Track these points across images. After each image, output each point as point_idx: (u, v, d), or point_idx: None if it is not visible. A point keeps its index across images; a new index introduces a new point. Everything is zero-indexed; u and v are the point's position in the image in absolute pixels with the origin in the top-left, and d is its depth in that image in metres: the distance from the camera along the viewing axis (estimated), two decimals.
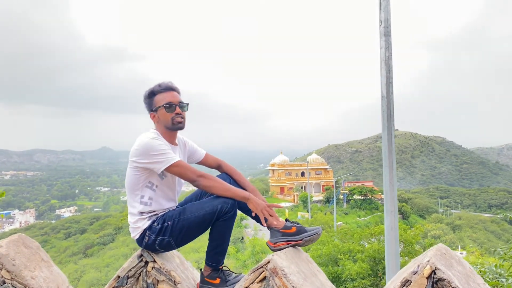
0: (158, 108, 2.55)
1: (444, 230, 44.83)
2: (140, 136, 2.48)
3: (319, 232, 2.59)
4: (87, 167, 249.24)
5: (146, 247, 2.50)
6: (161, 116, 2.55)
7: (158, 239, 2.43)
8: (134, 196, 2.49)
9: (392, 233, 4.45)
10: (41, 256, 2.66)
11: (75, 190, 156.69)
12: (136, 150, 2.41)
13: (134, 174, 2.46)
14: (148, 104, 2.61)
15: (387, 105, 4.32)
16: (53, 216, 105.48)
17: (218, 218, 2.42)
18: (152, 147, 2.39)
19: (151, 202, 2.49)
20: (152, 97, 2.58)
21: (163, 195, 2.54)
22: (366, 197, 55.52)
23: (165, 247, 2.47)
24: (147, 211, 2.49)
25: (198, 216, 2.41)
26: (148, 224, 2.46)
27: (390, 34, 4.55)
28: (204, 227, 2.45)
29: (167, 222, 2.43)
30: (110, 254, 35.26)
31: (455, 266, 2.04)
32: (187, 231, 2.43)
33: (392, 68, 4.46)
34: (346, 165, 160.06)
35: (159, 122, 2.58)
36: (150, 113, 2.61)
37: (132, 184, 2.48)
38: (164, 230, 2.42)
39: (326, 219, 35.38)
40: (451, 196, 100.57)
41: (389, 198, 4.50)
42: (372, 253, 13.90)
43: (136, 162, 2.42)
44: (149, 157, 2.38)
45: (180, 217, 2.43)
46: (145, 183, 2.48)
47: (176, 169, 2.41)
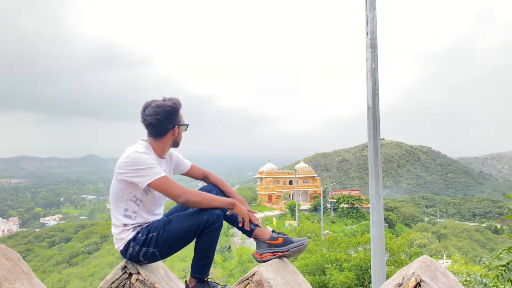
0: (182, 124, 2.57)
1: (430, 239, 45.20)
2: (129, 148, 2.44)
3: (305, 243, 2.59)
4: (73, 175, 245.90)
5: (130, 259, 2.45)
6: (180, 132, 2.59)
7: (143, 250, 2.39)
8: (118, 208, 2.45)
9: (378, 243, 4.46)
10: (21, 268, 2.60)
11: (60, 198, 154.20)
12: (123, 163, 2.37)
13: (119, 186, 2.41)
14: (174, 116, 2.52)
15: (373, 116, 4.35)
16: (37, 225, 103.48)
17: (203, 229, 2.40)
18: (139, 161, 2.35)
19: (135, 215, 2.45)
20: (179, 111, 2.55)
21: (146, 210, 2.49)
22: (353, 206, 55.74)
23: (149, 259, 2.43)
24: (131, 223, 2.45)
25: (184, 227, 2.38)
26: (132, 235, 2.42)
27: (376, 46, 4.60)
28: (189, 238, 2.42)
29: (152, 233, 2.40)
30: (95, 263, 34.75)
31: (440, 278, 2.05)
32: (172, 242, 2.40)
33: (378, 80, 4.50)
34: (333, 174, 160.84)
35: (172, 137, 2.55)
36: (175, 126, 2.53)
37: (116, 196, 2.44)
38: (148, 241, 2.38)
39: (314, 228, 35.36)
40: (437, 205, 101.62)
41: (375, 208, 4.51)
42: (358, 262, 13.93)
43: (122, 174, 2.37)
44: (135, 171, 2.34)
45: (165, 228, 2.40)
46: (129, 196, 2.43)
47: (160, 185, 2.36)
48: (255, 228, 2.60)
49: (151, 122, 2.46)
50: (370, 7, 4.58)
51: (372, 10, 4.53)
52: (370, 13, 4.53)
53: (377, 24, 4.49)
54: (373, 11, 4.57)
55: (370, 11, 4.56)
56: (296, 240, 2.60)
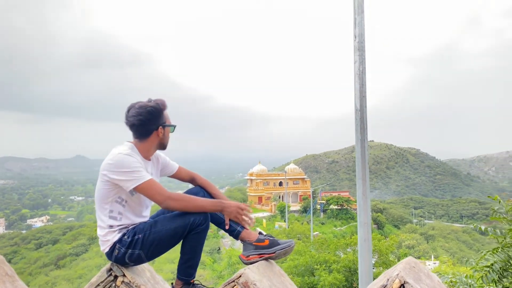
0: (167, 125, 2.53)
1: (418, 240, 45.61)
2: (114, 149, 2.41)
3: (292, 245, 2.60)
4: (61, 176, 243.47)
5: (115, 261, 2.43)
6: (166, 134, 2.54)
7: (128, 252, 2.37)
8: (103, 210, 2.42)
9: (365, 244, 4.49)
10: (5, 270, 2.56)
11: (48, 199, 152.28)
12: (108, 165, 2.34)
13: (104, 187, 2.38)
14: (157, 117, 2.48)
15: (360, 118, 4.38)
16: (24, 226, 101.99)
17: (190, 231, 2.38)
18: (124, 163, 2.31)
19: (120, 217, 2.42)
20: (163, 112, 2.51)
21: (132, 211, 2.47)
22: (342, 207, 56.04)
23: (135, 261, 2.41)
24: (116, 225, 2.42)
25: (170, 229, 2.36)
26: (118, 237, 2.40)
27: (364, 49, 4.62)
28: (175, 240, 2.41)
29: (138, 235, 2.37)
30: (83, 265, 34.37)
31: (424, 279, 2.07)
32: (158, 244, 2.37)
33: (365, 82, 4.52)
34: (323, 175, 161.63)
35: (157, 138, 2.51)
36: (158, 127, 2.48)
37: (101, 197, 2.41)
38: (134, 243, 2.36)
39: (303, 229, 35.46)
40: (425, 207, 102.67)
41: (362, 210, 4.54)
42: (347, 263, 14.02)
43: (107, 176, 2.34)
44: (120, 174, 2.31)
45: (151, 230, 2.38)
46: (114, 197, 2.40)
47: (145, 189, 2.33)
48: (242, 230, 2.60)
49: (134, 123, 2.44)
50: (358, 10, 4.61)
51: (360, 13, 4.56)
52: (358, 16, 4.55)
53: (365, 27, 4.52)
54: (361, 14, 4.60)
55: (358, 14, 4.59)
56: (283, 241, 2.60)
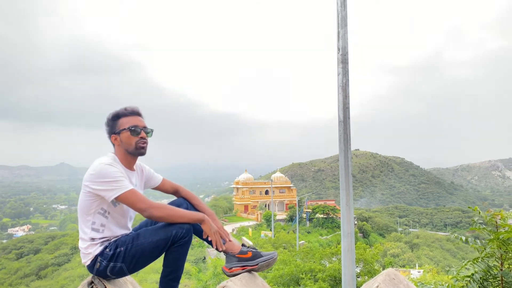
0: (122, 130, 2.49)
1: (403, 248, 45.98)
2: (96, 160, 2.41)
3: (274, 257, 2.62)
4: (44, 184, 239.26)
5: (97, 274, 2.40)
6: (124, 139, 2.49)
7: (110, 265, 2.35)
8: (86, 222, 2.40)
9: (348, 255, 4.50)
10: None
11: (30, 208, 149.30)
12: (90, 175, 2.34)
13: (87, 199, 2.37)
14: (111, 126, 2.53)
15: (344, 129, 4.41)
16: (5, 236, 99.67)
17: (172, 243, 2.38)
18: (106, 173, 2.31)
19: (103, 229, 2.41)
20: (116, 120, 2.52)
21: (115, 222, 2.46)
22: (328, 216, 56.25)
23: (117, 274, 2.39)
24: (98, 237, 2.41)
25: (152, 241, 2.35)
26: (100, 250, 2.38)
27: (347, 61, 4.67)
28: (158, 253, 2.39)
29: (120, 248, 2.36)
30: (66, 275, 33.74)
31: None
32: (140, 257, 2.36)
33: (349, 94, 4.57)
34: (309, 184, 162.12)
35: (121, 146, 2.50)
36: (111, 136, 2.52)
37: (84, 209, 2.40)
38: (116, 256, 2.35)
39: (289, 238, 35.48)
40: (410, 215, 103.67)
41: (345, 220, 4.55)
42: (332, 272, 14.05)
43: (89, 187, 2.34)
44: (101, 184, 2.31)
45: (133, 242, 2.37)
46: (97, 209, 2.39)
47: (127, 198, 2.32)
48: (224, 242, 2.60)
49: None
50: (341, 24, 4.68)
51: (343, 27, 4.64)
52: (342, 29, 4.63)
53: (348, 40, 4.61)
54: (344, 28, 4.68)
55: (342, 28, 4.66)
56: (265, 253, 2.62)
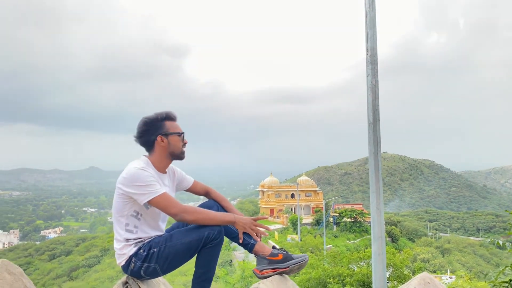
0: (171, 133, 2.54)
1: (433, 253, 44.76)
2: (130, 164, 2.47)
3: (305, 260, 2.61)
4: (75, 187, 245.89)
5: (131, 274, 2.47)
6: (173, 142, 2.55)
7: (144, 266, 2.41)
8: (120, 223, 2.47)
9: (379, 259, 4.43)
10: (24, 282, 2.61)
11: (62, 211, 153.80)
12: (123, 179, 2.39)
13: (120, 201, 2.44)
14: (156, 126, 2.54)
15: (373, 131, 4.35)
16: (38, 237, 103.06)
17: (204, 245, 2.41)
18: (138, 177, 2.36)
19: (136, 230, 2.47)
20: (163, 121, 2.56)
21: (148, 224, 2.51)
22: (355, 220, 55.42)
23: (151, 274, 2.44)
24: (132, 238, 2.47)
25: (185, 243, 2.40)
26: (134, 251, 2.44)
27: (377, 62, 4.62)
28: (190, 254, 2.44)
29: (153, 249, 2.41)
30: (96, 276, 34.53)
31: None
32: (173, 258, 2.41)
33: (378, 96, 4.51)
34: (336, 187, 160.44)
35: (165, 148, 2.54)
36: (158, 136, 2.53)
37: (118, 211, 2.46)
38: (150, 257, 2.40)
39: (316, 242, 35.16)
40: (440, 219, 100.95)
41: (376, 223, 4.49)
42: (361, 277, 13.82)
43: (122, 190, 2.40)
44: (134, 188, 2.36)
45: (166, 243, 2.42)
46: (130, 211, 2.45)
47: (159, 202, 2.37)
48: (255, 243, 2.62)
49: (135, 136, 2.56)
50: (370, 25, 4.63)
51: (372, 28, 4.58)
52: (370, 30, 4.58)
53: (377, 41, 4.55)
54: (373, 28, 4.62)
55: (370, 28, 4.61)
56: (296, 256, 2.62)
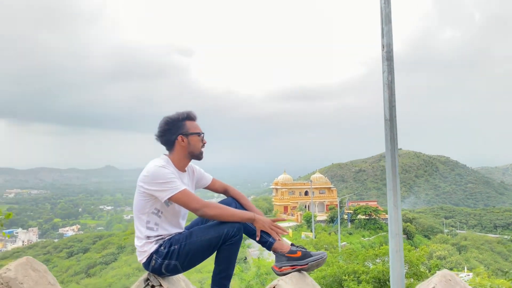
0: (191, 134, 2.60)
1: (450, 251, 44.20)
2: (150, 162, 2.52)
3: (324, 257, 2.62)
4: (91, 186, 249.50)
5: (152, 271, 2.51)
6: (193, 142, 2.61)
7: (165, 263, 2.45)
8: (141, 221, 2.52)
9: (397, 256, 4.40)
10: (48, 279, 2.67)
11: (79, 209, 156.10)
12: (144, 177, 2.45)
13: (141, 199, 2.49)
14: (177, 126, 2.60)
15: (390, 128, 4.32)
16: (56, 235, 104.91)
17: (224, 242, 2.45)
18: (159, 175, 2.42)
19: (157, 227, 2.52)
20: (184, 121, 2.61)
21: (168, 222, 2.56)
22: (370, 217, 55.06)
23: (171, 271, 2.49)
24: (153, 235, 2.51)
25: (204, 240, 2.44)
26: (155, 248, 2.49)
27: (392, 58, 4.57)
28: (210, 251, 2.47)
29: (174, 246, 2.46)
30: (113, 273, 34.96)
31: None
32: (193, 255, 2.45)
33: (394, 92, 4.47)
34: (350, 184, 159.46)
35: (184, 147, 2.60)
36: (178, 136, 2.59)
37: (139, 208, 2.51)
38: (170, 254, 2.44)
39: (330, 239, 35.06)
40: (456, 216, 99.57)
41: (393, 220, 4.46)
42: (376, 274, 13.74)
43: (143, 187, 2.45)
44: (155, 185, 2.41)
45: (186, 241, 2.46)
46: (151, 209, 2.50)
47: (180, 198, 2.42)
48: (274, 241, 2.64)
49: (156, 134, 2.62)
50: (385, 20, 4.60)
51: (387, 23, 4.55)
52: (386, 26, 4.54)
53: (392, 37, 4.51)
54: (388, 24, 4.59)
55: (386, 24, 4.58)
56: (315, 253, 2.63)
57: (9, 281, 2.40)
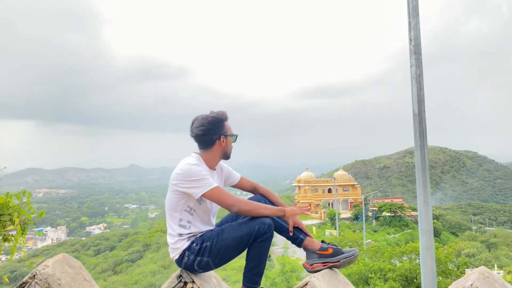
0: (229, 135, 2.66)
1: (479, 248, 43.02)
2: (182, 160, 2.56)
3: (356, 254, 2.60)
4: (116, 185, 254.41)
5: (185, 268, 2.55)
6: (229, 143, 2.68)
7: (197, 260, 2.48)
8: (173, 219, 2.56)
9: (428, 253, 4.32)
10: (83, 275, 2.74)
11: (105, 207, 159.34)
12: (177, 175, 2.48)
13: (174, 197, 2.52)
14: (220, 126, 2.63)
15: (419, 123, 4.24)
16: (83, 233, 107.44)
17: (255, 239, 2.46)
18: (192, 173, 2.45)
19: (189, 225, 2.55)
20: (223, 122, 2.66)
21: (200, 219, 2.59)
22: (395, 214, 54.24)
23: (203, 268, 2.51)
24: (185, 233, 2.55)
25: (236, 237, 2.45)
26: (187, 245, 2.52)
27: (420, 52, 4.49)
28: (241, 248, 2.49)
29: (206, 243, 2.48)
30: (139, 271, 35.54)
31: None
32: (225, 252, 2.47)
33: (423, 86, 4.39)
34: (374, 181, 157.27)
35: (221, 147, 2.65)
36: (220, 136, 2.63)
37: (171, 206, 2.55)
38: (203, 250, 2.47)
39: (355, 237, 34.74)
40: (485, 213, 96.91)
41: (423, 217, 4.39)
42: (403, 272, 13.55)
43: (177, 186, 2.48)
44: (188, 182, 2.45)
45: (218, 237, 2.48)
46: (184, 206, 2.53)
47: (213, 195, 2.45)
48: (304, 238, 2.64)
49: (197, 133, 2.60)
50: (413, 14, 4.51)
51: (415, 17, 4.46)
52: (413, 20, 4.46)
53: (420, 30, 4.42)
54: (416, 17, 4.50)
55: (413, 18, 4.49)
56: (346, 250, 2.61)
57: (47, 277, 2.47)
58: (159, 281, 26.53)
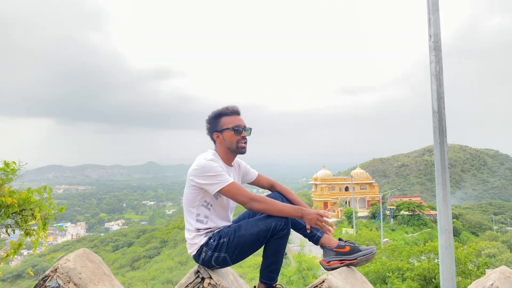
0: (224, 129, 2.64)
1: (500, 248, 42.11)
2: (199, 156, 2.59)
3: (373, 252, 2.58)
4: (134, 181, 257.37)
5: (202, 263, 2.57)
6: (227, 138, 2.64)
7: (215, 256, 2.50)
8: (191, 214, 2.59)
9: (447, 252, 4.25)
10: (103, 270, 2.80)
11: (123, 204, 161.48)
12: (194, 170, 2.51)
13: (191, 192, 2.55)
14: (212, 124, 2.69)
15: (438, 120, 4.17)
16: (102, 229, 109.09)
17: (272, 235, 2.46)
18: (208, 168, 2.47)
19: (206, 220, 2.58)
20: (218, 118, 2.67)
21: (217, 214, 2.61)
22: (414, 213, 53.53)
23: (221, 264, 2.53)
24: (203, 228, 2.57)
25: (253, 233, 2.46)
26: (205, 241, 2.54)
27: (440, 48, 4.41)
28: (258, 244, 2.49)
29: (223, 239, 2.50)
30: (156, 267, 35.94)
31: None
32: (242, 248, 2.48)
33: (443, 83, 4.31)
34: (392, 180, 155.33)
35: (222, 143, 2.66)
36: (213, 133, 2.68)
37: (189, 202, 2.58)
38: (220, 246, 2.49)
39: (372, 236, 34.41)
40: (507, 212, 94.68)
41: (443, 216, 4.31)
42: (422, 271, 13.38)
43: (193, 181, 2.51)
44: (205, 178, 2.47)
45: (235, 234, 2.49)
46: (201, 202, 2.56)
47: (229, 191, 2.46)
48: (321, 236, 2.63)
49: (206, 131, 2.72)
50: (432, 9, 4.44)
51: (435, 12, 4.39)
52: (433, 16, 4.39)
53: (440, 26, 4.35)
54: (435, 13, 4.42)
55: (433, 13, 4.42)
56: (364, 248, 2.60)
57: (68, 271, 2.53)
58: (176, 277, 26.80)
